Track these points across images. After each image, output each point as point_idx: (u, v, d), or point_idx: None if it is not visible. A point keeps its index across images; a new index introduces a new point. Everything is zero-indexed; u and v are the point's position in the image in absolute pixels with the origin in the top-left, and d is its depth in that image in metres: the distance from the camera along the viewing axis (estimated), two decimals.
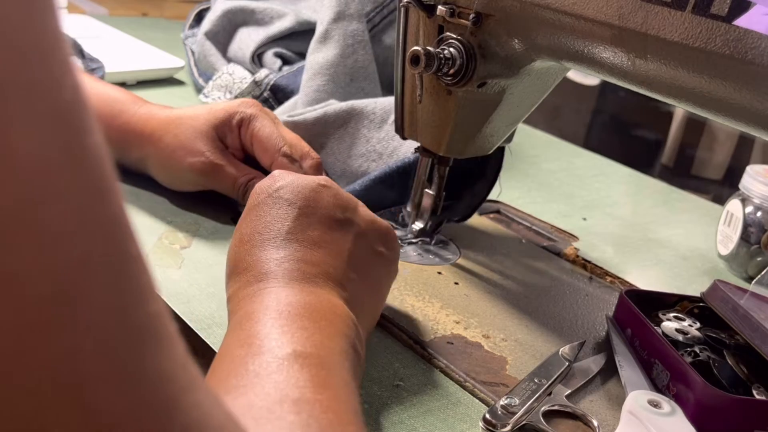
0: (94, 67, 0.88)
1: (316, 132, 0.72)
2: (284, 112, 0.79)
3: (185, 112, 0.63)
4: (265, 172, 0.62)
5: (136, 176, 0.68)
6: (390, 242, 0.48)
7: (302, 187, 0.45)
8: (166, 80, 0.98)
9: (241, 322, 0.38)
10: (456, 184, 0.67)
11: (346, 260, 0.44)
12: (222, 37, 0.94)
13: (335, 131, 0.72)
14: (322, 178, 0.47)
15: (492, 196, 0.71)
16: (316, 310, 0.39)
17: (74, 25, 1.07)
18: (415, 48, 0.53)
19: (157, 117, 0.63)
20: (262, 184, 0.46)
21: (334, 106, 0.73)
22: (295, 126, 0.71)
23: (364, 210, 0.48)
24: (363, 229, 0.46)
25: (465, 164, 0.66)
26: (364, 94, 0.80)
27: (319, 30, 0.81)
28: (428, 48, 0.53)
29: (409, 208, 0.65)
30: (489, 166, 0.68)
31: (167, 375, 0.20)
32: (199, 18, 1.06)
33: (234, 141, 0.63)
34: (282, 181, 0.45)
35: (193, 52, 0.99)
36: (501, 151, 0.67)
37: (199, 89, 0.94)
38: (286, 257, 0.42)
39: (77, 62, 0.88)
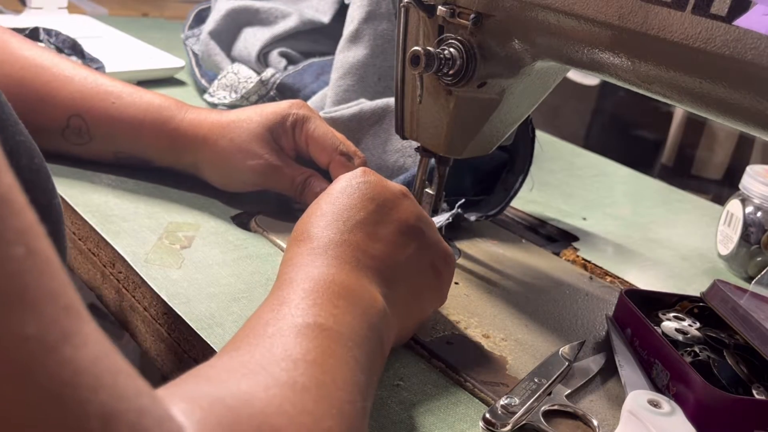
0: (95, 68, 0.88)
1: (353, 128, 0.73)
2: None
3: (238, 116, 0.64)
4: (320, 171, 0.65)
5: (137, 176, 0.68)
6: (448, 267, 0.50)
7: (386, 189, 0.48)
8: (167, 80, 0.98)
9: (282, 287, 0.40)
10: (488, 179, 0.68)
11: (401, 264, 0.46)
12: (226, 36, 0.94)
13: (370, 127, 0.73)
14: (405, 188, 0.50)
15: (525, 189, 0.72)
16: (354, 294, 0.41)
17: (74, 26, 1.07)
18: (416, 48, 0.53)
19: (208, 121, 0.65)
20: (352, 174, 0.48)
21: (369, 103, 0.73)
22: (332, 122, 0.72)
23: (435, 230, 0.50)
24: (428, 243, 0.48)
25: (496, 158, 0.67)
26: (392, 93, 0.80)
27: (349, 29, 0.80)
28: (428, 48, 0.54)
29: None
30: (519, 159, 0.69)
31: (27, 335, 0.20)
32: (199, 18, 1.05)
33: (288, 142, 0.65)
34: (369, 177, 0.48)
35: (194, 53, 0.99)
36: (531, 143, 0.68)
37: (200, 89, 0.94)
38: (347, 241, 0.44)
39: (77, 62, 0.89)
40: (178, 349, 0.51)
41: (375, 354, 0.40)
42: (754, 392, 0.48)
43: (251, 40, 0.92)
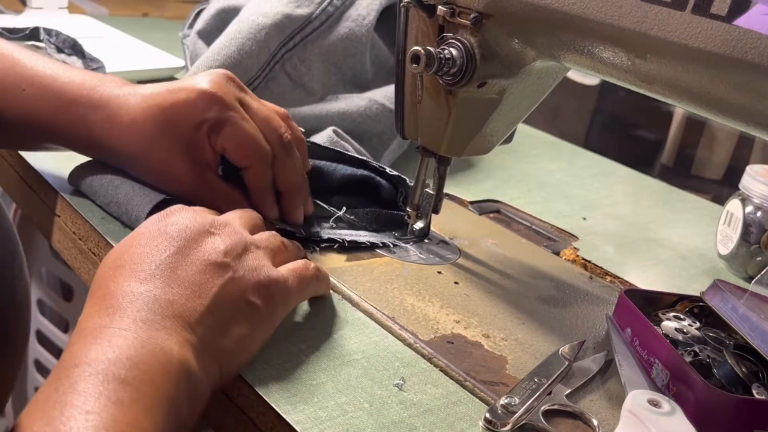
0: (95, 68, 0.88)
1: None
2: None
3: (149, 131, 0.56)
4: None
5: None
6: (269, 296, 0.46)
7: (189, 228, 0.45)
8: (167, 80, 0.98)
9: (61, 377, 0.36)
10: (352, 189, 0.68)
11: (207, 304, 0.43)
12: (215, 35, 0.94)
13: None
14: (218, 222, 0.46)
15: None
16: (143, 370, 0.37)
17: (75, 26, 1.07)
18: (416, 48, 0.53)
19: (119, 133, 0.57)
20: (159, 215, 0.46)
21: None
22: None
23: (254, 257, 0.47)
24: (239, 276, 0.45)
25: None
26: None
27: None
28: (428, 48, 0.54)
29: (409, 208, 0.65)
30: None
31: None
32: (199, 18, 1.06)
33: (209, 151, 0.57)
34: (174, 217, 0.45)
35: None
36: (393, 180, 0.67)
37: None
38: (143, 293, 0.41)
39: (77, 63, 0.89)
40: None
41: None
42: (754, 392, 0.48)
43: None
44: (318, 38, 0.79)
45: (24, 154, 0.70)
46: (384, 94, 0.80)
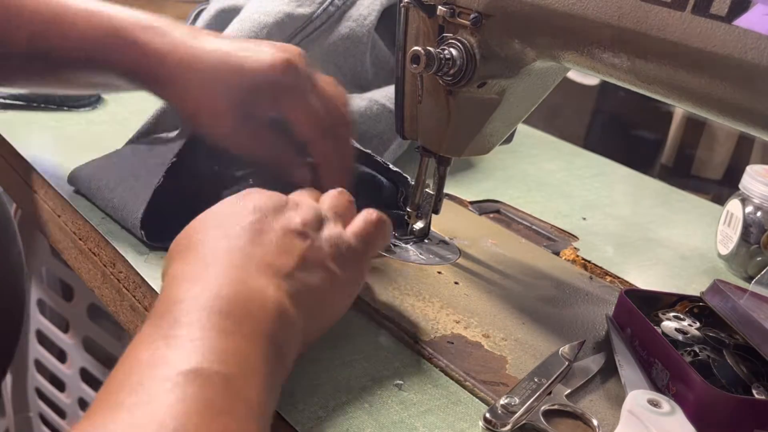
0: None
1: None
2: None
3: (212, 66, 0.56)
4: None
5: None
6: (345, 265, 0.47)
7: (267, 204, 0.46)
8: None
9: (162, 314, 0.38)
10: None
11: (295, 261, 0.44)
12: None
13: None
14: (293, 200, 0.48)
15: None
16: (243, 306, 0.39)
17: None
18: (416, 48, 0.53)
19: (176, 60, 0.56)
20: (235, 196, 0.47)
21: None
22: None
23: (329, 229, 0.48)
24: (318, 245, 0.46)
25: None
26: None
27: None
28: (428, 48, 0.54)
29: (409, 208, 0.65)
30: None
31: None
32: (199, 18, 1.05)
33: (263, 110, 0.58)
34: (250, 196, 0.46)
35: None
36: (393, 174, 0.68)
37: None
38: (233, 246, 0.42)
39: None
40: None
41: (273, 373, 0.38)
42: (754, 392, 0.48)
43: None
44: (319, 38, 0.79)
45: (24, 154, 0.70)
46: (384, 95, 0.80)
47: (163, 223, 0.54)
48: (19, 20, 0.58)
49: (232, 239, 0.43)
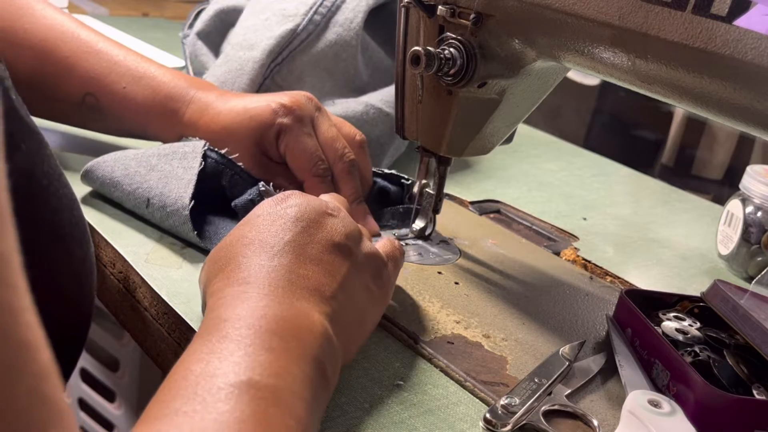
0: None
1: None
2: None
3: (231, 122, 0.64)
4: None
5: None
6: (381, 282, 0.49)
7: (309, 210, 0.46)
8: None
9: (210, 331, 0.38)
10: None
11: (339, 282, 0.44)
12: (215, 36, 0.94)
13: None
14: (332, 206, 0.48)
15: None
16: (289, 327, 0.39)
17: None
18: (416, 48, 0.53)
19: (205, 122, 0.65)
20: (274, 200, 0.47)
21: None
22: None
23: (367, 243, 0.49)
24: (360, 261, 0.47)
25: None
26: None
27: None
28: (429, 48, 0.54)
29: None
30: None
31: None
32: (198, 18, 1.05)
33: (273, 150, 0.64)
34: (292, 200, 0.47)
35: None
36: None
37: None
38: (277, 266, 0.42)
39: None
40: (178, 349, 0.51)
41: (318, 394, 0.39)
42: (754, 392, 0.48)
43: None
44: (306, 48, 0.79)
45: None
46: (380, 98, 0.80)
47: (202, 213, 0.60)
48: (71, 78, 0.66)
49: (275, 258, 0.43)
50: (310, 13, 0.80)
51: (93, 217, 0.60)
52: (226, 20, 0.94)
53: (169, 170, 0.60)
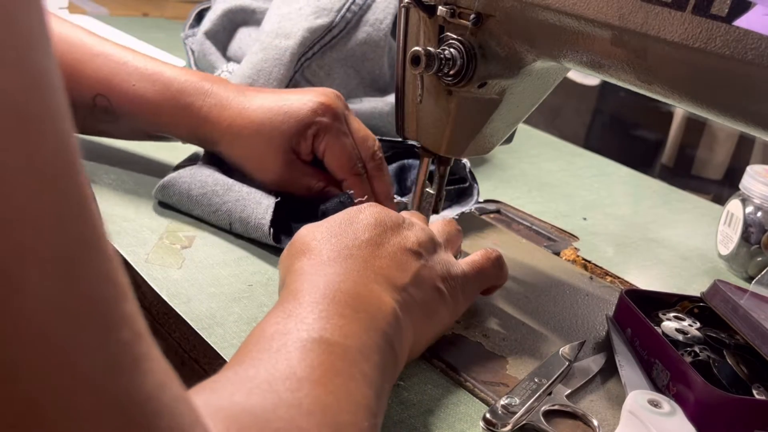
0: None
1: None
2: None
3: (258, 117, 0.62)
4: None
5: (138, 175, 0.68)
6: (453, 287, 0.50)
7: (385, 220, 0.49)
8: None
9: (288, 298, 0.41)
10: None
11: (410, 277, 0.47)
12: (222, 36, 0.94)
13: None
14: (408, 220, 0.51)
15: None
16: (362, 302, 0.42)
17: None
18: (416, 48, 0.53)
19: (226, 116, 0.63)
20: (357, 209, 0.49)
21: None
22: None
23: (441, 253, 0.51)
24: (431, 265, 0.49)
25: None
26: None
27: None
28: (429, 48, 0.54)
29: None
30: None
31: (102, 357, 0.20)
32: (200, 18, 1.05)
33: (306, 149, 0.63)
34: (373, 209, 0.49)
35: (193, 52, 0.99)
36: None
37: None
38: (354, 255, 0.45)
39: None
40: (179, 349, 0.51)
41: (386, 363, 0.40)
42: (754, 392, 0.48)
43: (246, 40, 0.92)
44: (338, 44, 0.80)
45: None
46: None
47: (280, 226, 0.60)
48: (80, 82, 0.64)
49: (353, 249, 0.46)
50: (344, 9, 0.80)
51: None
52: (235, 20, 0.94)
53: (247, 192, 0.61)
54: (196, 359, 0.49)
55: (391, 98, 0.82)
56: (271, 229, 0.59)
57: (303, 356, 0.36)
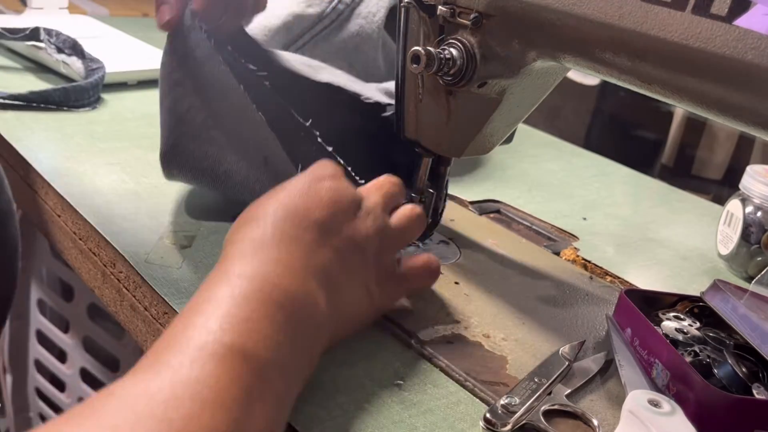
0: (95, 67, 0.88)
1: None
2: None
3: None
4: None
5: (138, 176, 0.68)
6: (387, 287, 0.51)
7: (345, 198, 0.48)
8: None
9: (220, 278, 0.40)
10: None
11: (348, 277, 0.47)
12: None
13: None
14: (368, 203, 0.50)
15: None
16: (297, 306, 0.41)
17: (75, 26, 1.07)
18: (416, 48, 0.53)
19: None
20: (313, 175, 0.48)
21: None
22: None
23: (383, 253, 0.50)
24: (367, 264, 0.49)
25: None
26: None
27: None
28: (429, 48, 0.54)
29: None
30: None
31: None
32: None
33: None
34: (330, 182, 0.47)
35: None
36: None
37: None
38: (300, 238, 0.44)
39: (77, 63, 0.89)
40: None
41: (302, 378, 0.41)
42: (754, 392, 0.48)
43: None
44: (328, 36, 0.79)
45: (24, 154, 0.70)
46: None
47: None
48: None
49: (299, 230, 0.44)
50: (335, 1, 0.79)
51: (94, 217, 0.60)
52: None
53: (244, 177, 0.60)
54: None
55: (387, 84, 0.81)
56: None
57: (215, 368, 0.34)
